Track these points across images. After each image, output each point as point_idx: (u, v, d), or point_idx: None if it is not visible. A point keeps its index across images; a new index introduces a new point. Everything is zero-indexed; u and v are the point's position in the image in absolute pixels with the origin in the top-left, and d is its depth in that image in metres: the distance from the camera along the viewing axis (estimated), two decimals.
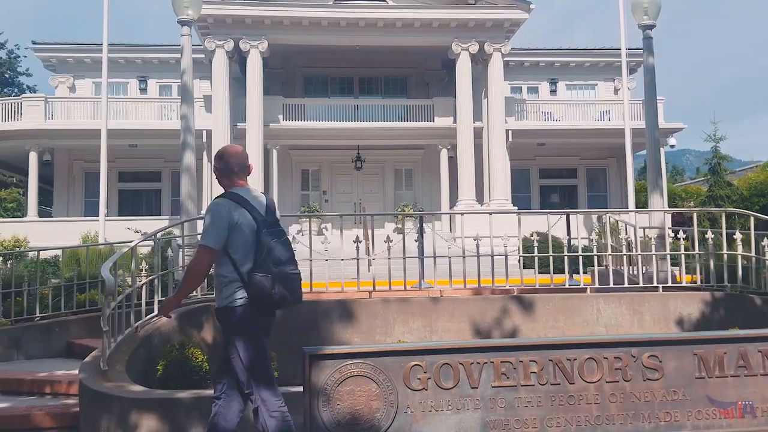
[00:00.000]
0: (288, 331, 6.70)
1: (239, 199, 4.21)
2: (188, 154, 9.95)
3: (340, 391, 3.22)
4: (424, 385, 3.27)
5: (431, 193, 28.44)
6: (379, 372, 3.25)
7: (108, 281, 5.67)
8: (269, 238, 4.14)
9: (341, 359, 3.26)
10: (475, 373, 3.29)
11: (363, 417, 3.22)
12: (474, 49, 25.79)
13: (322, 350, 3.33)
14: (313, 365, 3.25)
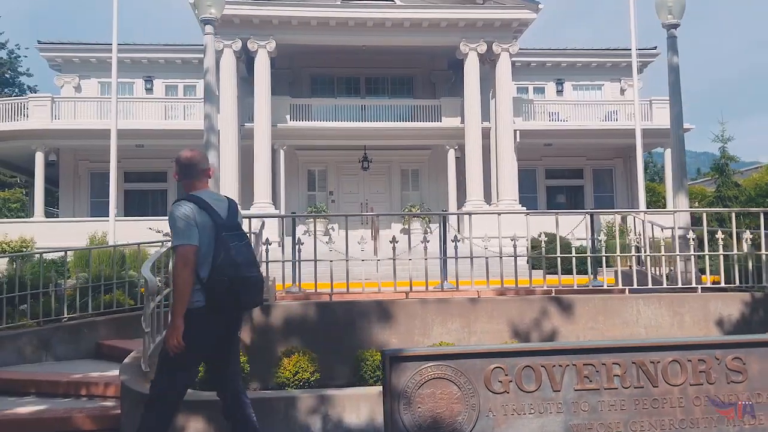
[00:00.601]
0: (326, 332, 6.64)
1: (199, 201, 4.16)
2: (212, 154, 9.88)
3: (421, 394, 3.14)
4: (506, 388, 3.20)
5: (438, 193, 28.38)
6: (459, 374, 3.18)
7: (150, 281, 5.60)
8: (228, 240, 4.08)
9: (421, 361, 3.18)
10: (557, 376, 3.23)
11: (445, 420, 3.15)
12: (482, 49, 25.75)
13: (402, 352, 3.25)
14: (393, 367, 3.17)
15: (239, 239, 4.16)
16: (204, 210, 4.12)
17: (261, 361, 6.25)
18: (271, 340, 6.54)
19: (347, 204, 28.22)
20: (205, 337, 4.14)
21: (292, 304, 6.74)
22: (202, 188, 4.32)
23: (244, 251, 4.13)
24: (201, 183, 4.34)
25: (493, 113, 26.59)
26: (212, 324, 4.13)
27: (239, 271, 4.05)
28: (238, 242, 4.13)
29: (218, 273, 4.02)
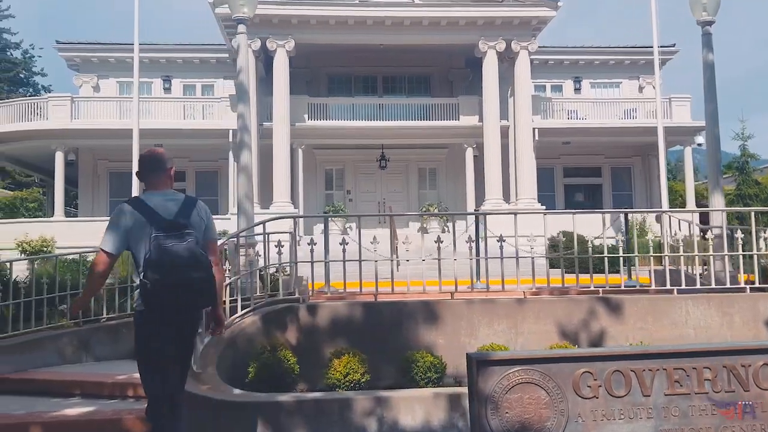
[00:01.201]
0: (372, 332, 6.59)
1: (137, 202, 4.12)
2: (245, 154, 9.83)
3: (509, 399, 3.08)
4: (595, 393, 3.14)
5: (455, 192, 28.30)
6: (548, 379, 3.12)
7: None
8: (162, 241, 3.97)
9: (508, 365, 3.12)
10: (647, 381, 3.16)
11: (533, 426, 3.09)
12: (501, 47, 25.63)
13: (489, 356, 3.19)
14: (479, 371, 3.11)
15: (178, 238, 4.00)
16: (138, 210, 4.06)
17: (308, 362, 6.21)
18: (317, 340, 6.50)
19: (364, 203, 28.18)
20: (153, 339, 4.09)
21: (338, 305, 6.68)
22: (156, 187, 4.25)
23: (178, 251, 3.97)
24: (158, 182, 4.27)
25: (512, 111, 26.49)
26: (155, 326, 4.06)
27: (165, 273, 3.93)
28: (174, 242, 3.98)
29: (144, 275, 3.96)
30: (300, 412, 5.11)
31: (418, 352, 6.10)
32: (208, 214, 4.33)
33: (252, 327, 6.42)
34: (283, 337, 6.42)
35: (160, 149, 4.49)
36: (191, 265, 3.98)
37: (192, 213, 4.17)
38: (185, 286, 3.95)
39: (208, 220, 4.30)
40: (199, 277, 3.99)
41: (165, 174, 4.29)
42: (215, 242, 4.38)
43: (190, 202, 4.24)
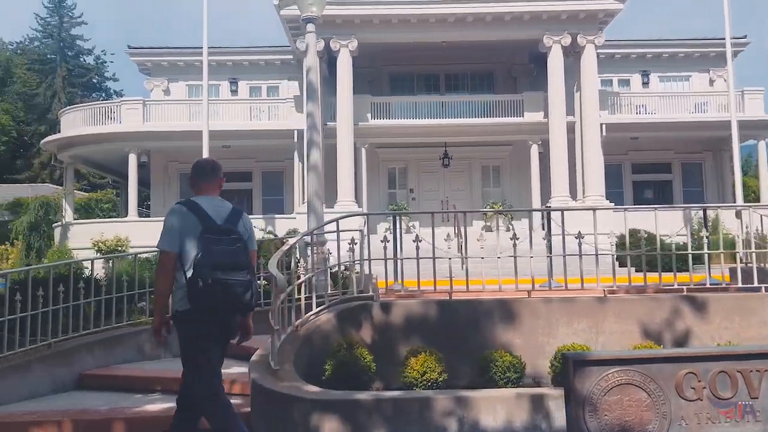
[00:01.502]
0: (447, 331, 6.52)
1: (191, 204, 4.36)
2: (315, 153, 9.89)
3: (608, 401, 2.97)
4: (699, 395, 3.00)
5: (520, 189, 27.92)
6: (648, 380, 2.99)
7: (279, 279, 5.58)
8: (211, 243, 4.15)
9: (606, 366, 3.01)
10: (754, 382, 3.00)
11: (634, 429, 2.97)
12: (566, 41, 25.15)
13: (587, 356, 3.09)
14: (576, 372, 3.01)
15: (228, 243, 4.20)
16: (192, 212, 4.29)
17: (383, 360, 6.18)
18: (391, 338, 6.47)
19: (428, 201, 28.09)
20: (201, 338, 4.30)
21: (412, 303, 6.64)
22: (207, 194, 4.52)
23: (227, 254, 4.17)
24: (207, 189, 4.55)
25: (578, 107, 25.98)
26: (200, 325, 4.26)
27: (215, 274, 4.09)
28: (225, 246, 4.17)
29: (195, 274, 4.11)
30: (378, 410, 5.08)
31: (496, 351, 6.00)
32: (251, 225, 4.61)
33: (327, 324, 6.43)
34: (357, 335, 6.41)
35: (213, 160, 4.86)
36: (239, 269, 4.19)
37: (239, 222, 4.44)
38: (233, 288, 4.13)
39: (251, 231, 4.57)
40: (247, 281, 4.20)
41: (217, 182, 4.61)
42: (254, 252, 4.64)
43: (237, 211, 4.53)
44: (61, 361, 6.80)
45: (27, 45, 56.67)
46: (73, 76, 54.43)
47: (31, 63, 54.16)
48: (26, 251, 24.55)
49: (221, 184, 4.66)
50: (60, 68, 53.36)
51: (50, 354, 6.72)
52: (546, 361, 6.28)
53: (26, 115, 52.04)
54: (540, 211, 22.65)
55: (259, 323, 8.25)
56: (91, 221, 27.48)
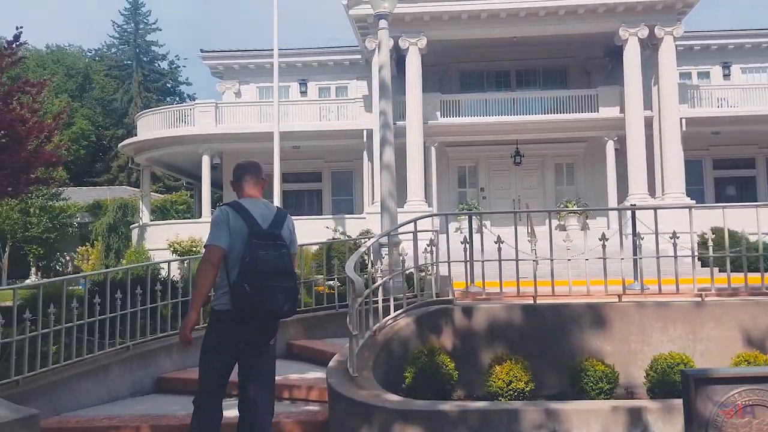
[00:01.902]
0: (532, 337, 6.20)
1: (238, 207, 4.34)
2: (387, 151, 9.69)
3: (735, 424, 2.65)
4: None
5: (594, 187, 27.12)
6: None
7: (357, 283, 5.38)
8: (257, 248, 4.14)
9: (732, 384, 2.68)
10: None
11: None
12: (643, 33, 24.25)
13: (709, 373, 2.77)
14: (698, 391, 2.69)
15: (273, 249, 4.19)
16: (240, 215, 4.27)
17: (464, 367, 5.92)
18: (472, 344, 6.19)
19: (498, 200, 27.59)
20: (229, 340, 4.26)
21: (494, 307, 6.34)
22: (251, 195, 4.52)
23: (272, 260, 4.15)
24: (250, 190, 4.55)
25: (656, 101, 25.02)
26: (237, 329, 4.22)
27: (261, 278, 4.09)
28: (270, 251, 4.16)
29: (240, 278, 4.10)
30: (464, 422, 4.82)
31: (588, 359, 5.65)
32: (294, 229, 4.57)
33: (406, 330, 6.20)
34: (437, 340, 6.17)
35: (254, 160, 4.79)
36: (284, 274, 4.19)
37: (284, 225, 4.40)
38: (277, 294, 4.13)
39: (294, 235, 4.53)
40: (290, 286, 4.22)
41: (261, 183, 4.62)
42: (296, 255, 4.66)
43: (282, 215, 4.49)
44: (140, 364, 6.79)
45: (105, 51, 58.69)
46: (148, 81, 56.06)
47: (109, 69, 56.05)
48: (105, 252, 25.29)
49: (263, 186, 4.65)
50: (136, 73, 55.04)
51: (129, 356, 6.72)
52: (639, 370, 5.89)
53: (104, 120, 53.90)
54: (629, 209, 21.85)
55: (336, 325, 8.14)
56: (167, 222, 28.10)
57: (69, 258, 35.01)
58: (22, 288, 7.58)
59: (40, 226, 31.24)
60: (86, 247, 27.66)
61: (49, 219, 31.70)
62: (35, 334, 6.02)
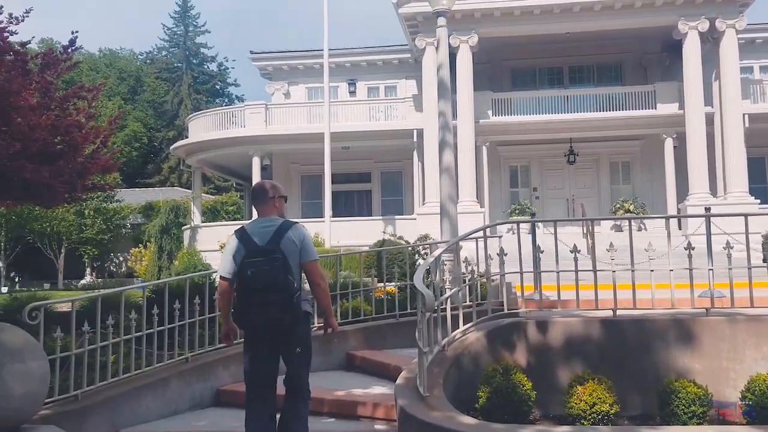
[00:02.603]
0: (614, 355, 5.80)
1: (241, 231, 4.68)
2: (447, 153, 9.35)
3: None
4: None
5: (651, 186, 26.34)
6: None
7: (427, 297, 5.06)
8: (246, 267, 4.40)
9: None
10: None
11: None
12: (703, 27, 23.37)
13: None
14: None
15: (265, 263, 4.37)
16: (239, 239, 4.60)
17: (539, 386, 5.54)
18: (548, 361, 5.82)
19: (552, 200, 27.01)
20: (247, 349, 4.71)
21: (571, 321, 5.95)
22: (263, 215, 4.74)
23: (261, 275, 4.36)
24: (262, 211, 4.77)
25: (716, 97, 24.11)
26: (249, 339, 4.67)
27: (246, 295, 4.41)
28: (260, 266, 4.37)
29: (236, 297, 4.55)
30: None
31: (678, 380, 5.22)
32: (303, 238, 4.62)
33: (476, 345, 5.86)
34: (510, 356, 5.81)
35: (266, 182, 4.96)
36: (268, 288, 4.34)
37: (284, 238, 4.50)
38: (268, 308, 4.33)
39: (302, 243, 4.58)
40: (275, 298, 4.33)
41: (268, 203, 4.76)
42: (312, 262, 4.61)
43: (283, 228, 4.57)
44: (199, 377, 6.60)
45: (155, 54, 59.58)
46: (197, 83, 56.72)
47: (160, 72, 56.87)
48: (158, 253, 25.49)
49: (275, 204, 4.80)
50: (186, 76, 55.72)
51: (188, 369, 6.53)
52: (731, 390, 5.45)
53: (156, 122, 54.72)
54: (718, 216, 21.16)
55: (397, 335, 7.83)
56: (217, 224, 28.21)
57: (123, 259, 35.57)
58: (79, 294, 7.46)
59: (94, 228, 31.79)
60: (139, 249, 27.97)
61: (103, 221, 32.24)
62: (94, 347, 5.86)
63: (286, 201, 4.95)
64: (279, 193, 4.86)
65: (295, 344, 4.61)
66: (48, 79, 8.37)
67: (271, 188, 4.82)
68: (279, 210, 4.83)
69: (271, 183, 4.92)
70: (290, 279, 4.38)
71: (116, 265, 36.51)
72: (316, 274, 4.62)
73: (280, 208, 4.86)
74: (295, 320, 4.45)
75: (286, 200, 4.93)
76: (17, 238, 32.18)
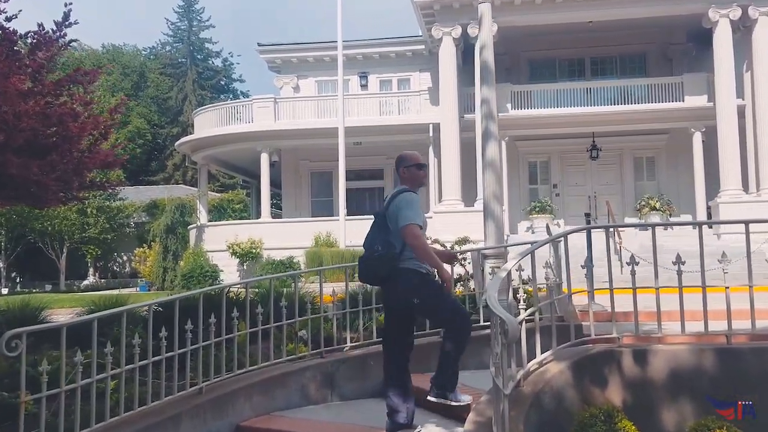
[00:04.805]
0: (735, 390, 4.70)
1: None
2: (492, 146, 8.25)
3: None
4: None
5: (678, 182, 25.22)
6: None
7: (510, 324, 3.92)
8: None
9: None
10: None
11: None
12: (735, 14, 22.20)
13: None
14: None
15: (372, 227, 5.10)
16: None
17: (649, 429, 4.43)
18: (653, 400, 4.72)
19: (573, 197, 25.93)
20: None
21: (677, 350, 4.86)
22: (400, 183, 5.19)
23: (368, 235, 5.10)
24: (400, 179, 5.21)
25: (748, 89, 22.98)
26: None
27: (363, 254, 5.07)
28: (370, 229, 5.12)
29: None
30: None
31: None
32: (399, 205, 4.91)
33: (559, 378, 4.75)
34: (602, 394, 4.71)
35: (403, 153, 5.32)
36: (366, 247, 5.06)
37: (390, 205, 5.01)
38: (366, 263, 5.01)
39: (398, 210, 4.90)
40: (367, 257, 5.00)
41: (399, 172, 5.21)
42: (403, 228, 4.84)
43: (392, 196, 5.07)
44: (215, 411, 5.50)
45: (159, 50, 58.51)
46: (202, 79, 55.64)
47: (164, 67, 55.80)
48: (163, 253, 24.43)
49: (402, 174, 5.15)
50: (190, 71, 54.65)
51: (202, 402, 5.43)
52: None
53: (160, 118, 53.65)
54: None
55: None
56: (225, 223, 27.19)
57: (126, 258, 34.53)
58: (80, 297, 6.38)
59: (97, 227, 30.75)
60: (144, 249, 26.92)
61: (107, 219, 31.20)
62: (88, 381, 4.77)
63: (421, 168, 5.15)
64: (405, 163, 5.13)
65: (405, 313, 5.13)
66: (39, 61, 7.29)
67: (397, 159, 5.21)
68: (405, 179, 5.12)
69: (402, 154, 5.27)
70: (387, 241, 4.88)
71: (120, 265, 35.49)
72: (408, 236, 4.83)
73: (407, 177, 5.11)
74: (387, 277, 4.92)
75: (420, 168, 5.14)
76: (18, 237, 31.17)
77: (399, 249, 4.85)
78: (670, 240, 17.14)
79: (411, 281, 4.92)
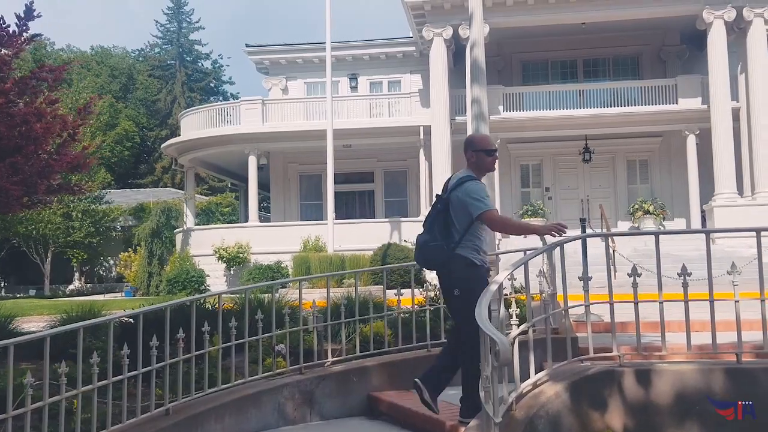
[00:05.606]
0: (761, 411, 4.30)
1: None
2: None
3: None
4: None
5: (671, 186, 24.96)
6: None
7: (502, 346, 3.53)
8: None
9: None
10: None
11: None
12: (730, 16, 21.93)
13: None
14: None
15: (431, 210, 5.03)
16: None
17: None
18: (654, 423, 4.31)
19: (565, 201, 25.59)
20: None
21: (684, 370, 4.46)
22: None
23: (428, 218, 5.03)
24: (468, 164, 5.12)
25: (743, 91, 22.70)
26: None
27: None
28: (430, 210, 5.05)
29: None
30: None
31: None
32: (468, 195, 4.79)
33: (555, 402, 4.33)
34: (602, 419, 4.31)
35: (478, 135, 5.60)
36: (426, 228, 4.98)
37: (455, 191, 4.87)
38: (418, 245, 5.00)
39: (463, 196, 4.79)
40: (424, 240, 4.96)
41: (467, 157, 5.11)
42: (480, 216, 4.74)
43: (457, 181, 4.94)
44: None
45: (148, 52, 57.94)
46: (191, 81, 55.12)
47: (152, 69, 55.23)
48: (148, 258, 23.93)
49: (470, 159, 5.06)
50: (179, 73, 54.13)
51: (168, 426, 5.00)
52: None
53: (148, 121, 53.08)
54: None
55: None
56: (212, 227, 26.72)
57: (113, 263, 33.98)
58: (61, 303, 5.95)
59: (82, 231, 30.22)
60: (129, 253, 26.40)
61: (92, 223, 30.67)
62: (39, 405, 4.34)
63: (491, 155, 5.03)
64: (474, 147, 5.07)
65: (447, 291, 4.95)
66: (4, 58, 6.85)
67: (466, 141, 5.18)
68: (472, 163, 5.03)
69: (471, 136, 5.38)
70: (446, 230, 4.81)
71: (106, 269, 34.95)
72: (488, 220, 4.77)
73: (474, 162, 5.02)
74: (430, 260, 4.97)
75: (489, 154, 5.02)
76: (1, 241, 30.61)
77: (458, 238, 4.79)
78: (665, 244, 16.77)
79: (461, 268, 4.79)
